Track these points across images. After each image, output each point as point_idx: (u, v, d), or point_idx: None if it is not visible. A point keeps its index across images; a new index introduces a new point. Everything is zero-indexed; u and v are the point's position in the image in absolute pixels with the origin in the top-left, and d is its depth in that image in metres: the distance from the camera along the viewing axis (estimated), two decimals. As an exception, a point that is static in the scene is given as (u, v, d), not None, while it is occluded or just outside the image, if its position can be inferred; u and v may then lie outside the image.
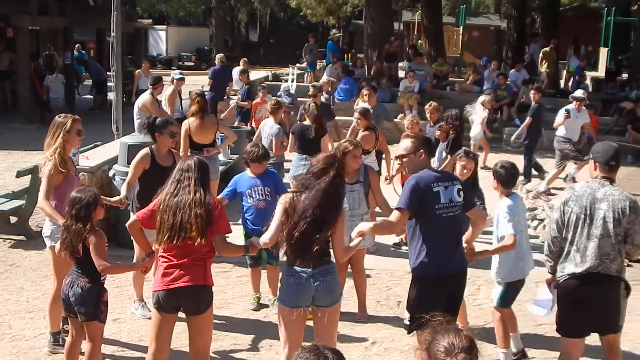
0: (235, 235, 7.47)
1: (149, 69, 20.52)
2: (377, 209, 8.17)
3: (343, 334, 6.29)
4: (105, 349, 5.98)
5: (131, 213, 6.89)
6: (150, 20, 47.15)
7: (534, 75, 21.81)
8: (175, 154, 7.18)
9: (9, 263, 8.72)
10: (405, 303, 5.71)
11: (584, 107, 13.51)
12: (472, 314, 7.28)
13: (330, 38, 25.54)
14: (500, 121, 19.36)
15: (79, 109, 19.89)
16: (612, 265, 5.19)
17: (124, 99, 14.03)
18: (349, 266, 7.18)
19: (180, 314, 5.23)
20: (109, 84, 19.58)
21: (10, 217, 9.78)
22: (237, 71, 18.67)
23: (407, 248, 9.16)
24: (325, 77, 20.27)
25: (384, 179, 9.44)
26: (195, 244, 5.01)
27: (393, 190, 8.98)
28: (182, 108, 13.19)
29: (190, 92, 10.29)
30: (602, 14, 29.48)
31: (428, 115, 10.63)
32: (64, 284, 5.44)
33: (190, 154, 8.82)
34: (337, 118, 14.56)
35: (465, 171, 6.75)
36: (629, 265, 9.11)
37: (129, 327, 6.90)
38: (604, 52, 27.42)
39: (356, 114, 9.66)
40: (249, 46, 55.95)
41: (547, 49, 22.54)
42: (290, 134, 10.01)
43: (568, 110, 13.37)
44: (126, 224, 5.54)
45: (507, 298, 6.25)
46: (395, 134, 12.86)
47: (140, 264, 5.67)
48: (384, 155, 10.41)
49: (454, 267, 5.40)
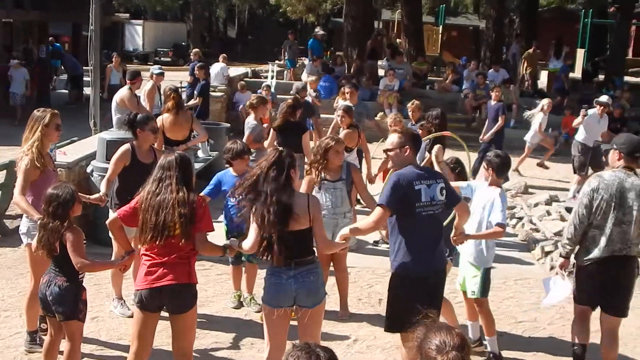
0: (216, 233, 7.41)
1: (120, 63, 20.36)
2: (357, 206, 8.17)
3: (325, 332, 6.24)
4: (84, 348, 5.88)
5: (110, 210, 6.79)
6: (128, 15, 46.84)
7: (513, 75, 21.90)
8: (157, 150, 7.08)
9: (-17, 260, 8.57)
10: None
11: (606, 114, 13.13)
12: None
13: (313, 36, 25.52)
14: (479, 120, 19.39)
15: (54, 103, 19.61)
16: (634, 248, 5.71)
17: (101, 94, 13.87)
18: (331, 264, 7.14)
19: (163, 312, 5.15)
20: (85, 78, 19.43)
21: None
22: (218, 67, 18.56)
23: (387, 246, 9.28)
24: (305, 75, 20.22)
25: (366, 179, 9.40)
26: (180, 243, 4.93)
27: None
28: (162, 104, 13.05)
29: (165, 88, 10.17)
30: (580, 16, 29.72)
31: (410, 114, 10.58)
32: (42, 283, 5.32)
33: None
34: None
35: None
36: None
37: (108, 326, 6.80)
38: (580, 54, 27.62)
39: (340, 111, 9.63)
40: (227, 42, 55.65)
41: (531, 50, 22.64)
42: (272, 130, 9.95)
43: (587, 113, 13.00)
44: (106, 222, 5.43)
45: (487, 285, 6.33)
46: (376, 133, 12.87)
47: (119, 262, 5.55)
48: (364, 154, 10.39)
49: (433, 265, 5.37)
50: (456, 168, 6.96)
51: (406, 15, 25.68)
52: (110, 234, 5.64)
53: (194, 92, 16.06)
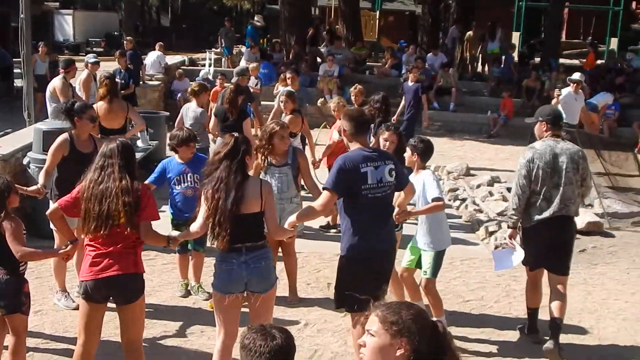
0: (162, 222, 7.28)
1: (50, 54, 19.87)
2: (303, 192, 8.13)
3: (275, 317, 6.17)
4: (30, 342, 5.70)
5: (50, 202, 6.60)
6: (57, 4, 45.60)
7: (451, 59, 22.09)
8: (97, 139, 6.91)
9: None
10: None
11: (580, 90, 13.40)
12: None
13: (250, 23, 25.34)
14: (419, 105, 19.52)
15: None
16: (573, 207, 6.23)
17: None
18: (279, 249, 7.08)
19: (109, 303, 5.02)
20: (16, 70, 18.89)
21: None
22: (154, 56, 18.30)
23: (335, 231, 9.27)
24: (243, 62, 20.05)
25: (311, 164, 9.35)
26: (125, 232, 4.81)
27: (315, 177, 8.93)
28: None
29: (100, 76, 9.96)
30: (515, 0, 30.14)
31: (352, 98, 10.57)
32: (-19, 277, 5.12)
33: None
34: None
35: (388, 144, 6.62)
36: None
37: (53, 319, 6.63)
38: (516, 37, 28.02)
39: (282, 97, 9.58)
40: (161, 31, 54.75)
41: (471, 32, 22.87)
42: (213, 117, 9.84)
43: (560, 93, 13.31)
44: (46, 213, 5.25)
45: (438, 266, 6.40)
46: (318, 118, 12.85)
47: (62, 250, 5.36)
48: (307, 139, 10.35)
49: (381, 246, 5.38)
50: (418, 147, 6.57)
51: (343, 1, 25.66)
52: (52, 226, 5.46)
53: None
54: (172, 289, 7.41)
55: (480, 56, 23.47)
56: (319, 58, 21.60)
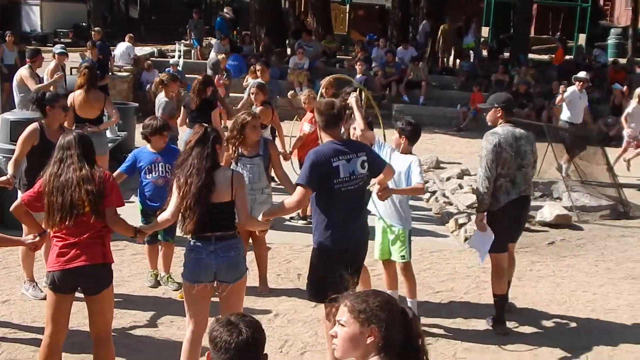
0: (131, 212, 7.23)
1: (18, 44, 19.58)
2: (273, 183, 8.11)
3: (245, 307, 6.14)
4: (-3, 332, 5.64)
5: (19, 191, 6.53)
6: (24, -6, 44.89)
7: (422, 53, 22.17)
8: (67, 129, 6.83)
9: None
10: (306, 275, 5.69)
11: (584, 89, 13.39)
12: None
13: (220, 15, 25.21)
14: (389, 98, 19.60)
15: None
16: (531, 188, 6.67)
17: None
18: (250, 240, 7.07)
19: (77, 292, 4.97)
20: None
21: None
22: (123, 47, 18.15)
23: (304, 222, 9.27)
24: (213, 54, 19.94)
25: (281, 156, 9.34)
26: (91, 220, 4.76)
27: (291, 167, 8.93)
28: (66, 83, 12.64)
29: (79, 65, 9.85)
30: (484, -6, 30.28)
31: (323, 91, 10.53)
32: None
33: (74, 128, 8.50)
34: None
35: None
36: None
37: (20, 309, 6.56)
38: (485, 31, 28.20)
39: (253, 88, 9.54)
40: (129, 23, 54.25)
41: (446, 26, 22.94)
42: (182, 108, 9.79)
43: (565, 89, 13.30)
44: (10, 209, 5.14)
45: (411, 247, 6.50)
46: (289, 110, 12.79)
47: (30, 240, 5.29)
48: (277, 131, 10.33)
49: (353, 239, 5.39)
50: (406, 130, 6.47)
51: (313, -6, 25.61)
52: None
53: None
54: (142, 279, 7.36)
55: (454, 50, 23.57)
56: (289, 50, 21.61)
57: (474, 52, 22.40)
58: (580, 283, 7.98)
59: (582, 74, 13.68)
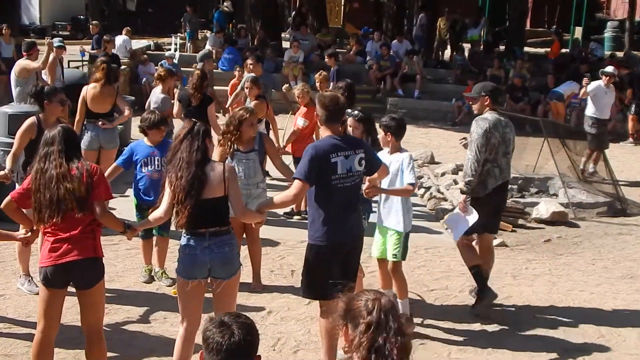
0: (127, 206, 7.23)
1: (16, 37, 19.54)
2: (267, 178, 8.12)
3: (239, 304, 6.17)
4: (-9, 326, 5.65)
5: (17, 185, 6.53)
6: (24, -14, 44.70)
7: (417, 46, 22.14)
8: (65, 123, 6.82)
9: None
10: (300, 272, 5.68)
11: (611, 84, 12.94)
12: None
13: (220, 8, 25.14)
14: (384, 92, 19.59)
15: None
16: (510, 172, 6.96)
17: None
18: (244, 235, 7.07)
19: (70, 288, 4.98)
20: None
21: None
22: (120, 40, 18.12)
23: (298, 218, 9.28)
24: (208, 46, 19.91)
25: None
26: (78, 215, 4.76)
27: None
28: (64, 77, 12.63)
29: (97, 59, 9.87)
30: (480, -14, 30.24)
31: (317, 85, 10.55)
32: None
33: (86, 122, 8.83)
34: (221, 88, 14.33)
35: (352, 130, 6.56)
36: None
37: (16, 303, 6.57)
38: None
39: (247, 83, 9.54)
40: (126, 15, 54.08)
41: (445, 18, 22.91)
42: (177, 102, 9.78)
43: (589, 82, 12.90)
44: (0, 206, 5.16)
45: (406, 249, 6.47)
46: (283, 104, 12.80)
47: (22, 236, 5.30)
48: (271, 125, 10.32)
49: (348, 235, 5.40)
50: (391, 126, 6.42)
51: (308, -13, 25.56)
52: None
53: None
54: (136, 274, 7.37)
55: (449, 42, 23.56)
56: (286, 43, 21.56)
57: (471, 45, 22.34)
58: (576, 282, 7.89)
59: (610, 69, 13.20)
